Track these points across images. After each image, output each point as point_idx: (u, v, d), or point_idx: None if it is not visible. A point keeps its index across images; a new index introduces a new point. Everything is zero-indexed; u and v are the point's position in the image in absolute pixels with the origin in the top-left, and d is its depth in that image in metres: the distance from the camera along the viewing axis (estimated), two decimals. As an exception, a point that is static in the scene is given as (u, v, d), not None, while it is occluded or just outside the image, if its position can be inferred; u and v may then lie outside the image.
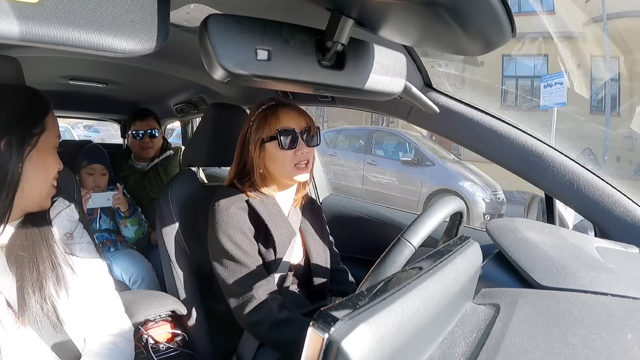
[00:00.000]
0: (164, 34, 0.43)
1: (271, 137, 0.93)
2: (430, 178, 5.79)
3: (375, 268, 0.64)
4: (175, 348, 0.99)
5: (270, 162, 0.95)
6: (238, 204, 0.95)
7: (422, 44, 0.61)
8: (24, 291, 0.68)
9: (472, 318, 0.51)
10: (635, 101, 7.19)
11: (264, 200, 0.97)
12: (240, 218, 0.94)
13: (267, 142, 0.93)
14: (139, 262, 1.66)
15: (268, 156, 0.95)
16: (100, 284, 0.83)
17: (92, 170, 1.70)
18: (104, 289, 0.84)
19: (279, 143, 0.92)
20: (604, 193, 0.85)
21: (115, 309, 0.84)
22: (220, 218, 0.93)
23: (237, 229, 0.92)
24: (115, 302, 0.85)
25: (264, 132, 0.93)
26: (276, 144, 0.92)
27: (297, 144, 0.93)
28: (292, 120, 0.94)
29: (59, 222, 0.80)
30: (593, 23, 7.56)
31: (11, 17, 0.35)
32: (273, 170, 0.96)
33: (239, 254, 0.91)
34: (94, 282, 0.81)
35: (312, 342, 0.30)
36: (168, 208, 1.13)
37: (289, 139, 0.92)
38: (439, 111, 0.97)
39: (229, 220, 0.92)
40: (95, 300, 0.80)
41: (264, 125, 0.93)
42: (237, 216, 0.93)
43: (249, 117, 0.99)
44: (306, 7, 0.71)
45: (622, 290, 0.57)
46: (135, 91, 2.25)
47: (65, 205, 0.82)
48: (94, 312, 0.79)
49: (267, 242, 0.96)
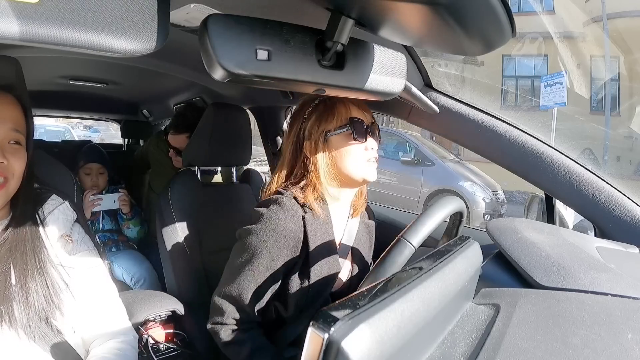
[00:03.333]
0: (164, 34, 0.43)
1: (340, 127, 0.83)
2: (430, 178, 5.79)
3: (375, 268, 0.64)
4: (175, 348, 0.99)
5: (338, 157, 0.83)
6: (290, 225, 0.79)
7: (422, 44, 0.61)
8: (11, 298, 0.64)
9: (472, 318, 0.51)
10: (635, 101, 7.20)
11: (317, 221, 0.82)
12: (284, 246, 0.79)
13: (334, 133, 0.83)
14: (141, 262, 1.67)
15: (334, 150, 0.83)
16: (104, 292, 0.80)
17: (89, 170, 1.71)
18: (108, 296, 0.81)
19: (352, 132, 0.82)
20: (604, 193, 0.85)
21: (119, 316, 0.82)
22: (263, 235, 0.79)
23: (270, 259, 0.79)
24: (120, 310, 0.83)
25: (330, 123, 0.83)
26: (346, 136, 0.83)
27: (368, 137, 0.84)
28: (361, 113, 0.85)
29: (53, 220, 0.75)
30: (593, 23, 7.57)
31: (11, 17, 0.35)
32: (341, 166, 0.83)
33: (250, 279, 0.80)
34: (97, 290, 0.79)
35: (312, 342, 0.30)
36: (168, 208, 1.13)
37: (362, 129, 0.83)
38: (439, 111, 0.97)
39: (269, 243, 0.79)
40: (99, 307, 0.78)
41: (329, 115, 0.83)
42: (281, 243, 0.79)
43: (299, 112, 0.88)
44: (306, 7, 0.71)
45: (622, 290, 0.57)
46: (135, 91, 2.25)
47: (59, 203, 0.78)
48: (98, 318, 0.77)
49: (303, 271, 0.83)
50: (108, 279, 0.83)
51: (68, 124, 9.66)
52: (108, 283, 0.83)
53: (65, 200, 0.79)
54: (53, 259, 0.72)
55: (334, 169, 0.84)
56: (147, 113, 2.64)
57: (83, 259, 0.78)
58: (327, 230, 0.84)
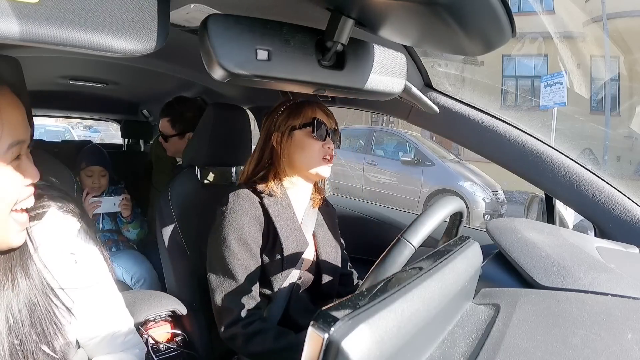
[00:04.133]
0: (164, 34, 0.43)
1: (304, 125, 0.95)
2: (430, 178, 5.79)
3: (375, 268, 0.64)
4: (175, 348, 0.99)
5: (298, 149, 0.95)
6: (250, 209, 0.92)
7: (422, 44, 0.61)
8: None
9: (472, 318, 0.51)
10: (635, 101, 7.20)
11: (278, 203, 0.95)
12: (250, 227, 0.91)
13: (298, 129, 0.95)
14: (141, 262, 1.67)
15: (296, 144, 0.95)
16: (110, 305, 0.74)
17: (90, 172, 1.71)
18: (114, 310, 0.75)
19: (313, 130, 0.93)
20: (604, 193, 0.85)
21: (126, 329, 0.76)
22: (228, 224, 0.90)
23: (242, 240, 0.90)
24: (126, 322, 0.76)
25: (296, 120, 0.95)
26: (307, 132, 0.94)
27: (327, 138, 0.96)
28: (325, 117, 0.97)
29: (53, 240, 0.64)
30: (593, 23, 7.57)
31: (11, 17, 0.35)
32: (299, 159, 0.96)
33: (235, 266, 0.88)
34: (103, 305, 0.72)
35: (312, 342, 0.30)
36: (168, 208, 1.13)
37: (323, 130, 0.95)
38: (439, 111, 0.97)
39: (236, 228, 0.90)
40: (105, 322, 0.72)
41: (298, 113, 0.95)
42: (246, 224, 0.91)
43: (275, 109, 1.00)
44: (306, 7, 0.70)
45: (622, 290, 0.57)
46: (135, 91, 2.26)
47: (59, 217, 0.66)
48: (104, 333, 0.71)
49: (274, 246, 0.94)
50: (114, 289, 0.76)
51: (68, 124, 9.67)
52: (114, 295, 0.76)
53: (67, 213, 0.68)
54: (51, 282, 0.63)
55: (293, 159, 0.96)
56: (147, 113, 2.64)
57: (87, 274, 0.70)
58: (288, 210, 0.97)
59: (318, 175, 0.98)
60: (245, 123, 1.28)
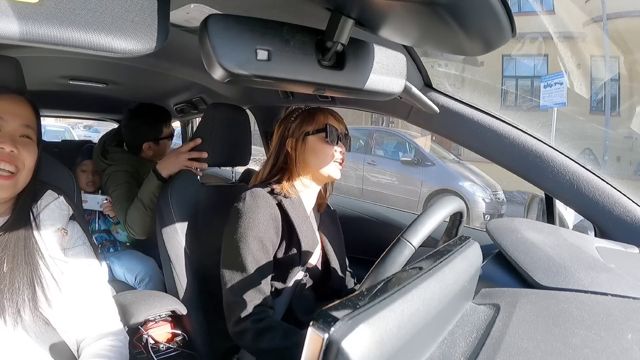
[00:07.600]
0: (164, 34, 0.43)
1: (317, 130, 0.99)
2: (430, 178, 5.79)
3: (375, 268, 0.64)
4: (175, 348, 0.99)
5: (312, 154, 0.99)
6: (267, 209, 0.94)
7: (422, 44, 0.61)
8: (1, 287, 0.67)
9: (472, 318, 0.51)
10: (635, 101, 7.20)
11: (293, 203, 0.99)
12: (267, 226, 0.93)
13: (312, 134, 0.99)
14: (145, 261, 1.64)
15: (310, 149, 1.00)
16: (97, 291, 0.83)
17: (85, 167, 1.71)
18: (101, 296, 0.83)
19: (326, 135, 0.98)
20: (604, 193, 0.85)
21: (111, 316, 0.84)
22: (245, 222, 0.92)
23: (258, 238, 0.92)
24: (112, 310, 0.85)
25: (310, 126, 1.00)
26: (321, 137, 0.99)
27: (339, 142, 1.01)
28: (336, 122, 1.02)
29: (49, 214, 0.78)
30: (593, 23, 7.56)
31: (11, 17, 0.35)
32: (312, 163, 1.00)
33: (250, 263, 0.90)
34: (90, 289, 0.81)
35: (312, 342, 0.30)
36: (168, 208, 1.13)
37: (335, 135, 0.99)
38: (439, 111, 0.97)
39: (254, 226, 0.92)
40: (91, 306, 0.80)
41: (311, 120, 1.00)
42: (263, 223, 0.93)
43: (287, 115, 1.05)
44: (306, 7, 0.71)
45: (622, 290, 0.57)
46: (135, 91, 2.25)
47: (54, 197, 0.81)
48: (89, 317, 0.79)
49: (291, 244, 0.98)
50: (102, 278, 0.85)
51: (68, 124, 9.66)
52: (102, 283, 0.85)
53: (60, 195, 0.82)
54: (44, 251, 0.74)
55: (307, 163, 1.00)
56: (147, 113, 2.63)
57: (77, 255, 0.81)
58: (302, 208, 1.01)
59: (330, 177, 1.02)
60: (245, 123, 1.28)
